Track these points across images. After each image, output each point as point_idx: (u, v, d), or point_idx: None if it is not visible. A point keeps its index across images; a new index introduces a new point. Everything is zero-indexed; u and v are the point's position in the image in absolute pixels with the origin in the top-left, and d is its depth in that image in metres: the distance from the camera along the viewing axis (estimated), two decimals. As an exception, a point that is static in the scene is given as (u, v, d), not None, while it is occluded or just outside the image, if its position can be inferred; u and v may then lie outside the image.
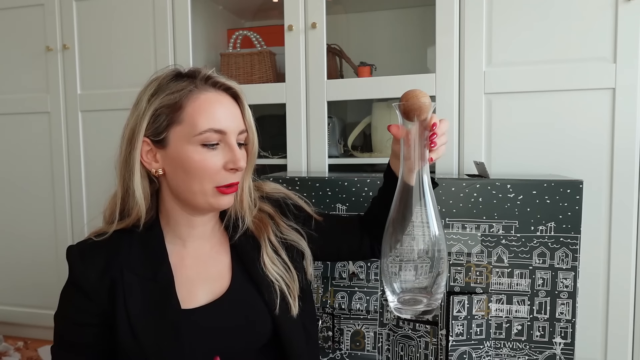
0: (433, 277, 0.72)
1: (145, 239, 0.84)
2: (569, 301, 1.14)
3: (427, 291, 0.73)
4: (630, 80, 1.31)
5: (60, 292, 0.83)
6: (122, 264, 0.81)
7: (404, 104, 0.71)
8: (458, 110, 1.44)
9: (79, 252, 0.83)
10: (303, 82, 1.55)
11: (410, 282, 0.72)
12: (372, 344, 1.22)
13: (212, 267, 0.87)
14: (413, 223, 0.71)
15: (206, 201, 0.81)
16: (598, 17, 1.33)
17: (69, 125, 1.82)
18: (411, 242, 0.71)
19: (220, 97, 0.82)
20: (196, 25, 1.72)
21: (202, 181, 0.79)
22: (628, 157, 1.32)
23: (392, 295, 0.74)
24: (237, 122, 0.82)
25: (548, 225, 1.13)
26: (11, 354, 1.83)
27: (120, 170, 0.83)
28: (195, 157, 0.79)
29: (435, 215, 0.72)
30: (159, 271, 0.82)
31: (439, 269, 0.72)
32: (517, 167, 1.40)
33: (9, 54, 1.87)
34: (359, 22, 1.93)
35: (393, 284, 0.73)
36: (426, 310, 0.74)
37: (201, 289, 0.84)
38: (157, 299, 0.81)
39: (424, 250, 0.71)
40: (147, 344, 0.78)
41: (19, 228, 1.93)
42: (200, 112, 0.79)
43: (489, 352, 1.16)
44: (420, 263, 0.72)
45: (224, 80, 0.83)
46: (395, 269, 0.72)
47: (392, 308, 0.74)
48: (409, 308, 0.73)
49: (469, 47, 1.41)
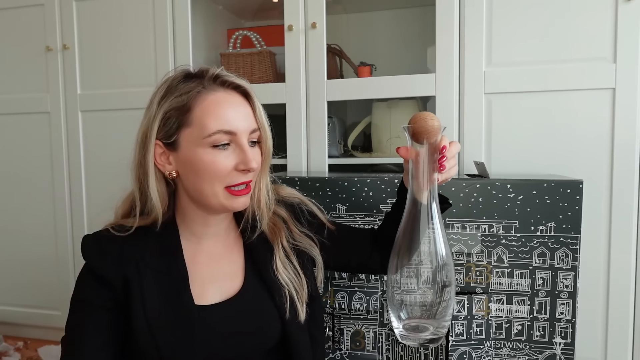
0: (439, 303, 0.70)
1: (161, 235, 0.84)
2: (569, 301, 1.14)
3: (433, 318, 0.70)
4: (630, 80, 1.31)
5: (59, 292, 0.83)
6: (137, 257, 0.82)
7: (413, 127, 0.71)
8: (458, 110, 1.44)
9: (95, 241, 0.84)
10: (303, 82, 1.55)
11: (417, 309, 0.70)
12: (372, 344, 1.22)
13: (225, 266, 0.87)
14: (420, 247, 0.70)
15: (219, 202, 0.80)
16: (598, 17, 1.33)
17: (69, 125, 1.82)
18: (418, 266, 0.70)
19: (229, 96, 0.81)
20: (196, 25, 1.72)
21: (213, 182, 0.79)
22: (628, 157, 1.32)
23: (398, 322, 0.72)
24: (248, 121, 0.81)
25: (548, 225, 1.13)
26: (11, 354, 1.83)
27: (135, 173, 0.84)
28: (205, 159, 0.78)
29: (444, 239, 0.70)
30: (173, 266, 0.83)
31: (446, 296, 0.70)
32: (517, 167, 1.40)
33: (9, 54, 1.87)
34: (359, 22, 1.93)
35: (399, 311, 0.71)
36: (432, 339, 0.71)
37: (213, 287, 0.85)
38: (171, 292, 0.81)
39: (431, 276, 0.70)
40: (160, 336, 0.78)
41: (19, 228, 1.93)
42: (209, 113, 0.78)
43: (489, 352, 1.16)
44: (426, 289, 0.70)
45: (232, 78, 0.82)
46: (400, 295, 0.71)
47: (397, 335, 0.72)
48: (414, 335, 0.71)
49: (469, 47, 1.41)
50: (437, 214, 0.71)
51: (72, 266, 1.85)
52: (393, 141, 1.59)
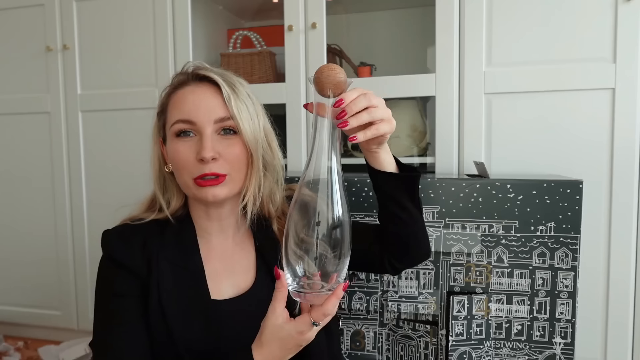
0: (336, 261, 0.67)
1: (178, 229, 0.86)
2: (569, 301, 1.14)
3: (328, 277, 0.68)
4: (630, 80, 1.31)
5: (59, 292, 0.83)
6: (157, 249, 0.83)
7: (316, 78, 0.66)
8: (458, 110, 1.44)
9: (117, 233, 0.85)
10: (303, 82, 1.55)
11: (312, 266, 0.67)
12: (372, 344, 1.23)
13: (237, 263, 0.88)
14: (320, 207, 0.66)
15: (192, 194, 0.82)
16: (598, 18, 1.33)
17: (69, 125, 1.82)
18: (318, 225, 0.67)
19: (196, 88, 0.82)
20: (196, 25, 1.72)
21: (182, 173, 0.81)
22: (628, 157, 1.32)
23: (293, 279, 0.69)
24: (212, 110, 0.79)
25: (548, 225, 1.14)
26: (11, 354, 1.83)
27: (152, 169, 0.89)
28: (171, 148, 0.82)
29: (342, 201, 0.67)
30: (190, 260, 0.84)
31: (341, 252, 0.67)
32: (517, 167, 1.40)
33: (9, 54, 1.87)
34: (359, 22, 1.93)
35: (295, 267, 0.68)
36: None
37: (226, 283, 0.86)
38: (188, 286, 0.82)
39: (326, 232, 0.66)
40: (175, 328, 0.79)
41: (19, 228, 1.93)
42: (174, 106, 0.82)
43: (489, 352, 1.16)
44: (322, 243, 0.67)
45: (200, 70, 0.84)
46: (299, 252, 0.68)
47: (290, 291, 0.70)
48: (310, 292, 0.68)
49: (469, 47, 1.41)
50: (337, 178, 0.67)
51: (72, 266, 1.85)
52: (393, 141, 1.59)
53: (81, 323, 1.87)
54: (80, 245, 1.83)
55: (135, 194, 0.92)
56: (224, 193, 0.80)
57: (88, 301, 1.84)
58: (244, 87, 0.85)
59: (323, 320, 0.69)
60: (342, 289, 0.68)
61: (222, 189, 0.80)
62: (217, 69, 0.84)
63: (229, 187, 0.81)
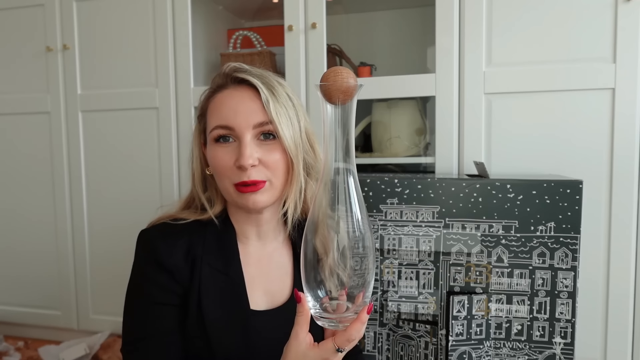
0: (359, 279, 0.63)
1: (219, 233, 0.84)
2: (569, 301, 1.14)
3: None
4: (630, 80, 1.31)
5: (59, 292, 0.82)
6: (200, 252, 0.81)
7: (324, 85, 0.61)
8: (458, 110, 1.44)
9: (160, 233, 0.82)
10: (303, 82, 1.55)
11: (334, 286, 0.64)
12: (372, 344, 1.23)
13: (272, 271, 0.86)
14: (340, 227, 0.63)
15: (233, 200, 0.80)
16: (598, 17, 1.33)
17: (69, 125, 1.82)
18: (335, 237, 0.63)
19: (235, 91, 0.80)
20: (196, 25, 1.72)
21: (222, 179, 0.79)
22: (628, 157, 1.32)
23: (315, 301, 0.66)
24: (251, 115, 0.77)
25: (548, 225, 1.14)
26: (11, 353, 1.84)
27: (192, 170, 0.88)
28: (211, 154, 0.80)
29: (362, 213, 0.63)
30: (231, 267, 0.82)
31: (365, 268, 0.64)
32: (517, 167, 1.40)
33: (9, 54, 1.87)
34: (359, 22, 1.93)
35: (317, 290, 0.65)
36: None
37: (261, 291, 0.84)
38: (228, 294, 0.81)
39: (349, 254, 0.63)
40: (213, 336, 0.77)
41: (19, 228, 1.93)
42: (213, 111, 0.81)
43: (489, 352, 1.17)
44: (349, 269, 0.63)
45: (239, 73, 0.81)
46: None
47: (313, 315, 0.66)
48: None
49: (469, 47, 1.41)
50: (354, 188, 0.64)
51: (72, 266, 1.85)
52: (393, 141, 1.59)
53: (81, 323, 1.87)
54: (80, 246, 1.83)
55: (135, 194, 0.92)
56: (264, 200, 0.79)
57: (88, 301, 1.84)
58: (284, 88, 0.82)
59: (348, 346, 0.66)
60: (366, 313, 0.65)
61: (262, 196, 0.78)
62: (256, 70, 0.82)
63: (270, 193, 0.79)
